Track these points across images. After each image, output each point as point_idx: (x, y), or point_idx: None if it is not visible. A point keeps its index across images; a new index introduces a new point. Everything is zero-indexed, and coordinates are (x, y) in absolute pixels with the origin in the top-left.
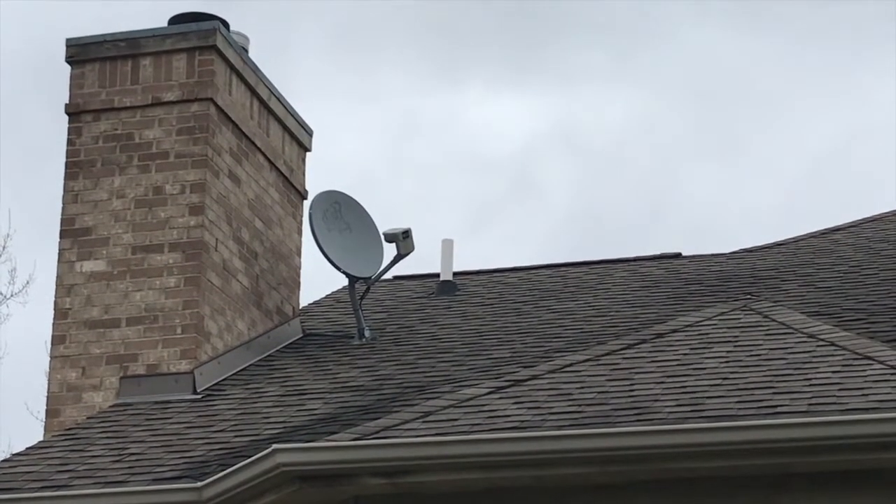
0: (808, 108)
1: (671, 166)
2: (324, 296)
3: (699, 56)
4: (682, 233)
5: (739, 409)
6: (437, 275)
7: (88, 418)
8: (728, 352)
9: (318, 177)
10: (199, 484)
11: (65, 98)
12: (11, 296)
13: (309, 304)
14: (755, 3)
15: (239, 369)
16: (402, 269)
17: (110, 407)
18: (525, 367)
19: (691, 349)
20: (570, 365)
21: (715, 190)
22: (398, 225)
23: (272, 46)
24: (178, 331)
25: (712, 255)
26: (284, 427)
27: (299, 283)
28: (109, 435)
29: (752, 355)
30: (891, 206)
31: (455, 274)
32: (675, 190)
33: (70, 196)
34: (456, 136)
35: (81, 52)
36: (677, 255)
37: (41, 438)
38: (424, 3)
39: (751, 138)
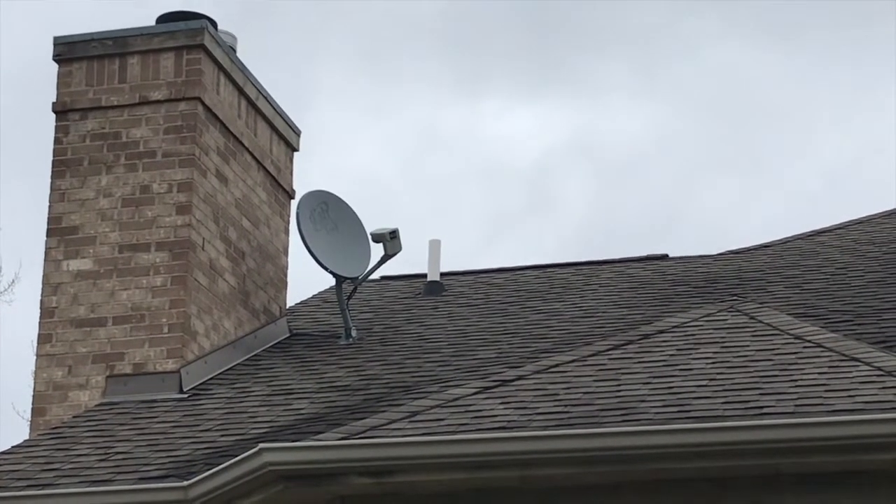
0: (825, 125)
1: (689, 180)
2: (311, 295)
3: (720, 72)
4: (698, 247)
5: (726, 409)
6: (424, 275)
7: (74, 417)
8: (714, 353)
9: (336, 187)
10: (186, 483)
11: (49, 97)
12: None
13: (296, 304)
14: (778, 22)
15: (225, 369)
16: (390, 269)
17: (96, 406)
18: (511, 367)
19: (678, 350)
20: (557, 365)
21: (731, 205)
22: (415, 233)
23: (297, 56)
24: (165, 330)
25: (699, 256)
26: (271, 426)
27: (286, 282)
28: (95, 434)
29: (738, 356)
30: None
31: (442, 274)
32: (692, 204)
33: (57, 195)
34: (474, 147)
35: (69, 51)
36: (664, 257)
37: (27, 437)
38: (446, 16)
39: (769, 154)
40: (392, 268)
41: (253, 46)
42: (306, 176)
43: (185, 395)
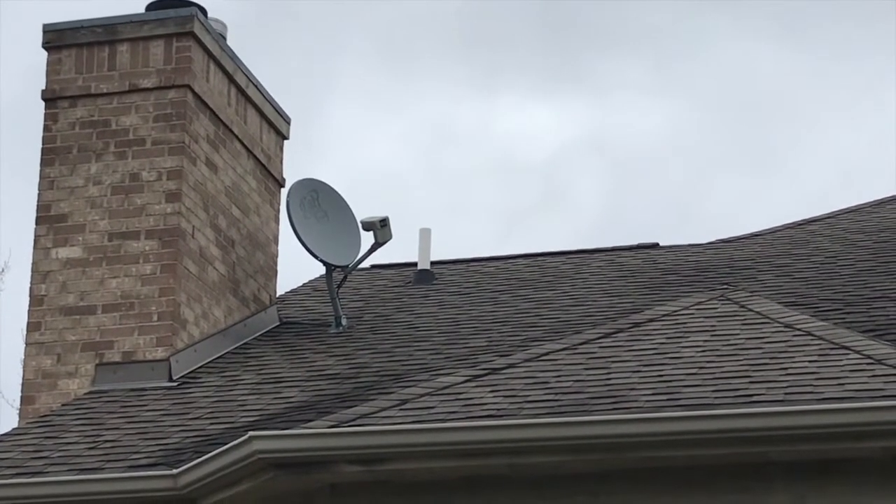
0: (836, 120)
1: (701, 177)
2: (301, 284)
3: (734, 68)
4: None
5: (716, 398)
6: (415, 264)
7: (63, 405)
8: (705, 341)
9: (350, 182)
10: (175, 471)
11: (37, 85)
12: None
13: (286, 293)
14: (791, 18)
15: (215, 357)
16: (380, 257)
17: (85, 394)
18: (501, 355)
19: (668, 338)
20: (547, 354)
21: (743, 201)
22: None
23: (315, 53)
24: (155, 318)
25: (689, 245)
26: (260, 415)
27: (276, 270)
28: (84, 422)
29: (728, 345)
30: None
31: (432, 263)
32: (705, 201)
33: (46, 182)
34: (489, 143)
35: (58, 38)
36: (654, 245)
37: (16, 425)
38: (462, 14)
39: (782, 151)
40: (382, 256)
41: (270, 43)
42: (321, 170)
43: (175, 384)
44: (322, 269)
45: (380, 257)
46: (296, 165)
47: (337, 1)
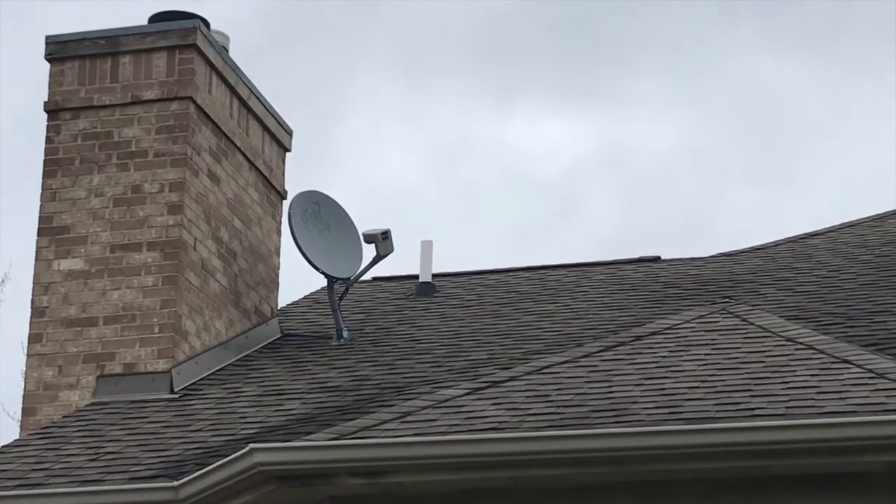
0: (853, 137)
1: (717, 192)
2: (302, 296)
3: (750, 83)
4: None
5: (717, 411)
6: (416, 276)
7: (65, 417)
8: (706, 354)
9: (365, 194)
10: (176, 483)
11: (38, 97)
12: None
13: (287, 305)
14: (807, 34)
15: (216, 369)
16: (381, 270)
17: (87, 406)
18: (503, 368)
19: (669, 352)
20: (549, 367)
21: (760, 216)
22: (436, 241)
23: (331, 67)
24: (156, 330)
25: (691, 258)
26: (262, 427)
27: (278, 283)
28: (86, 434)
29: (730, 358)
30: None
31: (434, 275)
32: (720, 215)
33: (48, 194)
34: (504, 158)
35: (61, 50)
36: (656, 259)
37: (17, 437)
38: (479, 28)
39: (798, 165)
40: (384, 269)
41: (288, 56)
42: (336, 182)
43: (176, 396)
44: (323, 282)
45: (382, 270)
46: (311, 178)
47: (354, 15)
